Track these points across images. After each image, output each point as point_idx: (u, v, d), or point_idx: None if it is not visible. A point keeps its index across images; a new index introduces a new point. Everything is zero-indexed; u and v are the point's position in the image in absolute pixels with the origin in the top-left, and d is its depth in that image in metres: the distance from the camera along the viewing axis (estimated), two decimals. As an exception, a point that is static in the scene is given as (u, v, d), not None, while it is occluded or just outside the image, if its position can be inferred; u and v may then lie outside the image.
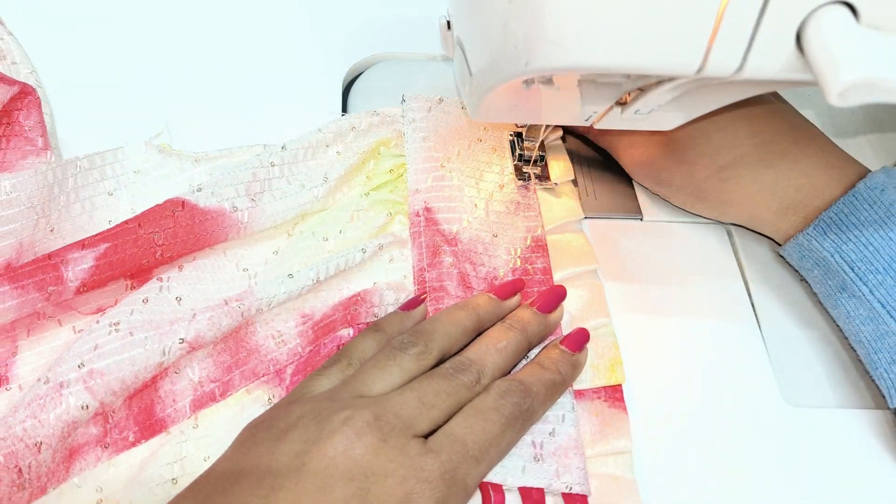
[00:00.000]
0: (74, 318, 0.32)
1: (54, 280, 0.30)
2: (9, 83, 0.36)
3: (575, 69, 0.25)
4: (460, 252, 0.36)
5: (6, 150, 0.36)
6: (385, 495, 0.25)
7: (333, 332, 0.34)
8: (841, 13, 0.22)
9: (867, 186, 0.34)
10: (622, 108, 0.32)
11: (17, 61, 0.40)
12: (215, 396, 0.31)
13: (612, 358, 0.34)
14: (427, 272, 0.36)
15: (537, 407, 0.30)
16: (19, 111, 0.36)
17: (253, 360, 0.32)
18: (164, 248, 0.32)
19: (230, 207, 0.34)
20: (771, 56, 0.23)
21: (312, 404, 0.28)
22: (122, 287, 0.33)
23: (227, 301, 0.31)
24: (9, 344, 0.31)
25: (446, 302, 0.35)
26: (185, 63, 0.43)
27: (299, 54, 0.45)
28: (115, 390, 0.28)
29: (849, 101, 0.21)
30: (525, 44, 0.25)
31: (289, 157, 0.36)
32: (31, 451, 0.27)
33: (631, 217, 0.41)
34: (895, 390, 0.32)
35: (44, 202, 0.33)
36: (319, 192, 0.36)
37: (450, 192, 0.38)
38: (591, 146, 0.44)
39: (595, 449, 0.32)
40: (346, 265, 0.34)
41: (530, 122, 0.38)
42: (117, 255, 0.31)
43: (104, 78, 0.42)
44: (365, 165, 0.39)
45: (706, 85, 0.29)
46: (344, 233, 0.37)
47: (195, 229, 0.33)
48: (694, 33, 0.23)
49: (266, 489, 0.24)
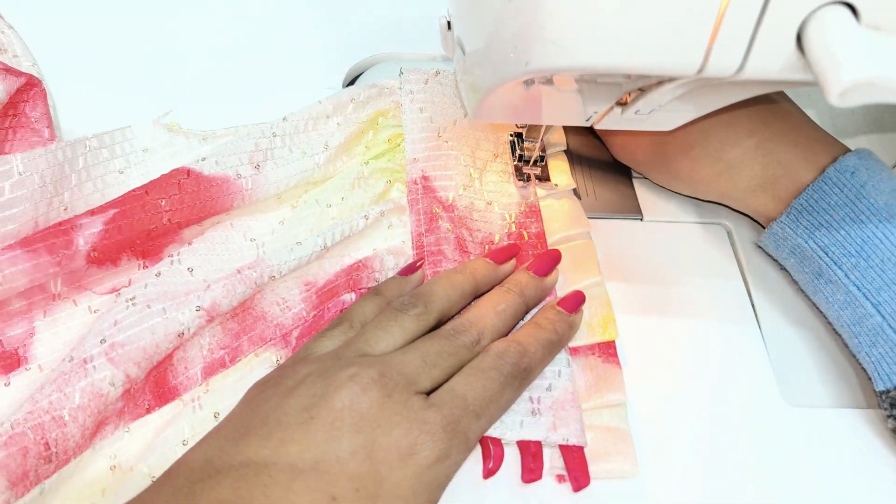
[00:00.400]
0: (90, 299, 0.33)
1: (65, 244, 0.31)
2: (15, 75, 0.37)
3: (575, 69, 0.25)
4: (457, 218, 0.38)
5: (13, 141, 0.36)
6: (390, 446, 0.26)
7: (336, 296, 0.35)
8: (841, 13, 0.22)
9: (837, 170, 0.34)
10: (622, 109, 0.32)
11: (18, 54, 0.40)
12: (225, 363, 0.32)
13: (605, 316, 0.35)
14: (425, 237, 0.37)
15: (535, 366, 0.31)
16: (25, 103, 0.37)
17: (259, 326, 0.33)
18: (171, 213, 0.33)
19: (234, 175, 0.35)
20: (771, 56, 0.23)
21: (318, 363, 0.28)
22: (134, 266, 0.34)
23: (240, 270, 0.32)
24: (26, 325, 0.31)
25: (444, 266, 0.36)
26: (186, 64, 0.44)
27: (300, 54, 0.45)
28: (137, 360, 0.29)
29: (849, 101, 0.21)
30: (525, 44, 0.25)
31: (290, 128, 0.38)
32: (57, 424, 0.27)
33: (631, 217, 0.41)
34: (878, 373, 0.32)
35: (56, 181, 0.34)
36: (320, 159, 0.38)
37: (446, 160, 0.39)
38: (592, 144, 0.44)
39: (590, 402, 0.32)
40: (351, 231, 0.35)
41: (530, 123, 0.38)
42: (125, 220, 0.32)
43: (104, 69, 0.42)
44: (364, 135, 0.40)
45: (707, 85, 0.29)
46: (346, 200, 0.38)
47: (201, 195, 0.34)
48: (694, 33, 0.23)
49: (276, 441, 0.25)
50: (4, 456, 0.26)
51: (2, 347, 0.31)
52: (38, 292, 0.32)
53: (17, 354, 0.31)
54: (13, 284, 0.30)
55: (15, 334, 0.31)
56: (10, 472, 0.26)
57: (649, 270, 0.38)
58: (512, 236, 0.38)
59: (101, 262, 0.33)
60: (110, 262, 0.33)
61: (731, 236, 0.40)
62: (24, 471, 0.26)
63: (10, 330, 0.31)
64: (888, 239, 0.33)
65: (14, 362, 0.31)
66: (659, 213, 0.41)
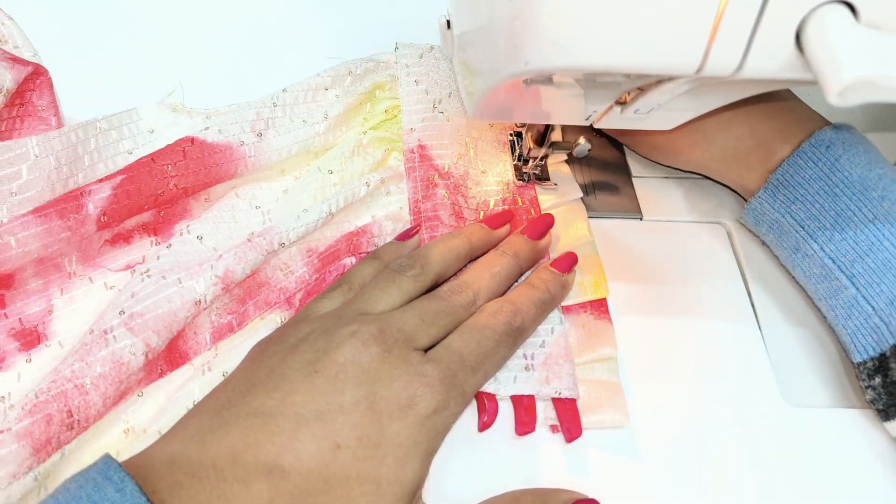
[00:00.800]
0: (105, 276, 0.34)
1: (75, 208, 0.32)
2: (22, 64, 0.37)
3: (575, 69, 0.25)
4: (452, 185, 0.39)
5: (21, 129, 0.37)
6: (391, 397, 0.27)
7: (337, 260, 0.36)
8: (841, 12, 0.22)
9: (811, 144, 0.34)
10: (622, 108, 0.32)
11: (19, 45, 0.41)
12: (233, 327, 0.34)
13: (596, 274, 0.36)
14: (422, 203, 0.38)
15: (528, 324, 0.32)
16: (32, 91, 0.38)
17: (264, 291, 0.35)
18: (176, 178, 0.34)
19: (237, 142, 0.36)
20: (770, 55, 0.23)
21: (320, 321, 0.30)
22: (146, 243, 0.35)
23: (250, 238, 0.33)
24: (43, 303, 0.32)
25: (440, 230, 0.37)
26: (186, 45, 0.44)
27: (300, 55, 0.45)
28: (156, 329, 0.30)
29: (849, 101, 0.21)
30: (524, 43, 0.25)
31: (290, 98, 0.39)
32: (79, 392, 0.28)
33: (631, 217, 0.41)
34: (854, 345, 0.32)
35: (70, 162, 0.34)
36: (320, 128, 0.39)
37: (441, 131, 0.41)
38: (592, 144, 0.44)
39: (583, 357, 0.34)
40: (353, 197, 0.37)
41: (530, 122, 0.38)
42: (133, 185, 0.33)
43: (103, 56, 0.43)
44: (362, 107, 0.41)
45: (706, 84, 0.29)
46: (346, 167, 0.39)
47: (205, 161, 0.35)
48: (693, 33, 0.23)
49: (281, 393, 0.26)
50: (29, 423, 0.27)
51: (21, 325, 0.32)
52: (53, 270, 0.33)
53: (36, 332, 0.32)
54: (26, 248, 0.30)
55: (33, 312, 0.32)
56: (34, 438, 0.27)
57: (649, 270, 0.38)
58: (506, 202, 0.39)
59: (115, 241, 0.34)
60: (123, 241, 0.35)
61: (731, 236, 0.40)
62: (48, 437, 0.27)
63: (28, 308, 0.32)
64: (861, 211, 0.33)
65: (34, 339, 0.32)
66: (659, 213, 0.41)
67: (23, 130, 0.37)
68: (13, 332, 0.31)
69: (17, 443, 0.26)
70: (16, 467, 0.26)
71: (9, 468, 0.26)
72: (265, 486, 0.24)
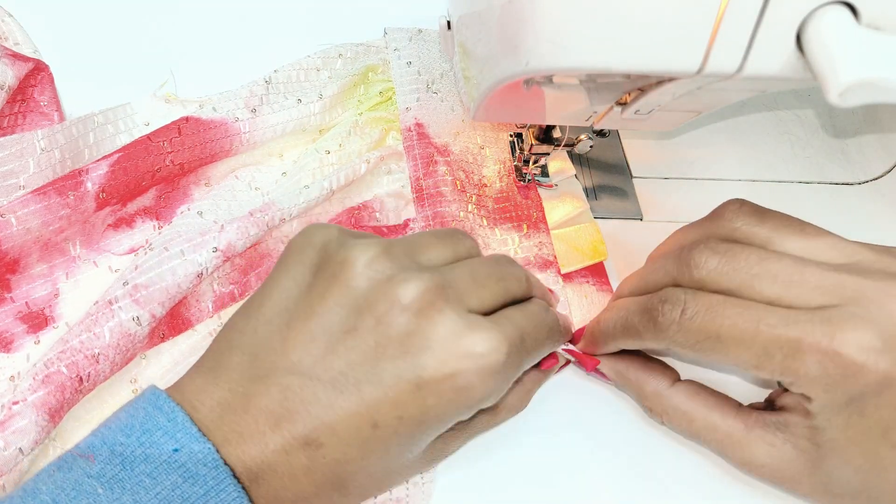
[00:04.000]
0: (109, 259, 0.35)
1: (74, 186, 0.32)
2: (24, 60, 0.38)
3: (575, 69, 0.25)
4: (453, 161, 0.39)
5: (23, 125, 0.37)
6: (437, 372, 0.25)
7: None
8: (841, 13, 0.22)
9: None
10: (622, 109, 0.32)
11: (19, 42, 0.41)
12: (235, 297, 0.34)
13: (594, 240, 0.38)
14: (423, 181, 0.39)
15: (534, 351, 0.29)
16: (33, 87, 0.38)
17: (266, 263, 0.35)
18: (173, 154, 0.35)
19: (231, 118, 0.37)
20: (771, 56, 0.23)
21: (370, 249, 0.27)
22: (149, 227, 0.36)
23: (252, 213, 0.34)
24: (49, 287, 0.33)
25: (444, 206, 0.38)
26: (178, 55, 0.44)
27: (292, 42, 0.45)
28: (161, 301, 0.31)
29: (849, 101, 0.21)
30: (525, 43, 0.25)
31: (282, 77, 0.40)
32: (90, 362, 0.29)
33: (631, 217, 0.41)
34: None
35: (73, 155, 0.35)
36: (315, 107, 0.39)
37: (437, 108, 0.41)
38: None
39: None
40: (354, 175, 0.37)
41: (530, 123, 0.38)
42: (130, 162, 0.34)
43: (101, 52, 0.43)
44: (356, 89, 0.42)
45: (706, 85, 0.28)
46: (344, 146, 0.39)
47: (201, 136, 0.36)
48: (694, 33, 0.23)
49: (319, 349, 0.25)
50: (45, 394, 0.28)
51: (28, 309, 0.32)
52: (58, 255, 0.34)
53: (43, 314, 0.33)
54: (27, 226, 0.31)
55: (39, 296, 0.33)
56: (50, 407, 0.28)
57: (649, 271, 0.38)
58: (504, 175, 0.40)
59: (117, 225, 0.35)
60: (126, 225, 0.35)
61: (731, 236, 0.40)
62: (61, 404, 0.28)
63: (35, 292, 0.33)
64: None
65: (42, 322, 0.32)
66: (659, 213, 0.41)
67: (25, 126, 0.37)
68: (20, 314, 0.32)
69: (35, 413, 0.27)
70: (36, 435, 0.27)
71: (30, 437, 0.27)
72: (303, 455, 0.24)
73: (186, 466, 0.23)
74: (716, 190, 0.42)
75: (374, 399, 0.24)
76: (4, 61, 0.36)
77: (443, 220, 0.38)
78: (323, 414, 0.24)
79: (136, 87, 0.40)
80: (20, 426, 0.27)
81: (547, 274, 0.36)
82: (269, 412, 0.24)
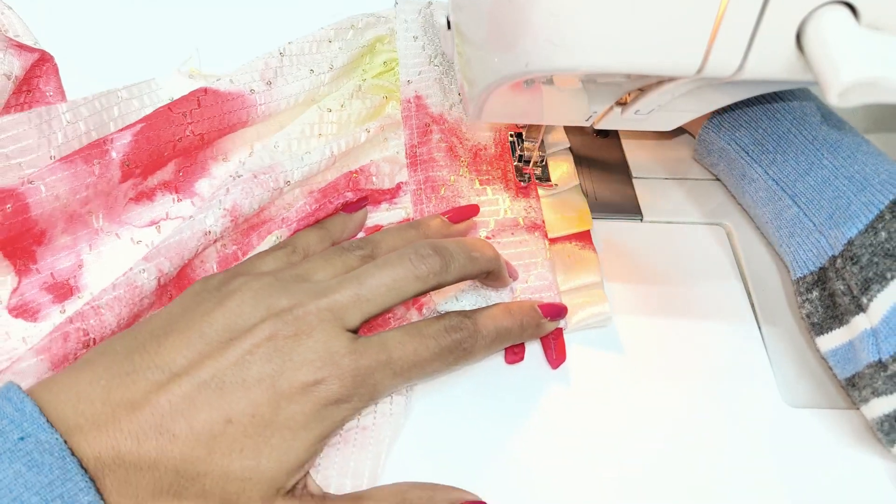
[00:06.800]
0: (131, 232, 0.36)
1: (99, 154, 0.33)
2: (29, 51, 0.38)
3: (575, 70, 0.25)
4: (447, 129, 0.41)
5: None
6: (295, 379, 0.27)
7: (337, 192, 0.37)
8: (841, 13, 0.22)
9: None
10: (622, 109, 0.32)
11: (19, 34, 0.42)
12: (238, 256, 0.36)
13: (580, 210, 0.39)
14: (418, 148, 0.40)
15: (478, 350, 0.31)
16: (38, 78, 0.39)
17: (268, 225, 0.37)
18: (192, 125, 0.36)
19: (248, 90, 0.38)
20: (771, 56, 0.23)
21: (256, 280, 0.29)
22: (169, 201, 0.37)
23: (256, 174, 0.35)
24: (73, 258, 0.34)
25: (436, 169, 0.40)
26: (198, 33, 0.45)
27: (308, 15, 0.46)
28: (169, 256, 0.32)
29: (849, 101, 0.21)
30: (525, 44, 0.25)
31: (296, 49, 0.40)
32: (95, 313, 0.30)
33: (631, 217, 0.41)
34: (795, 262, 0.34)
35: (97, 128, 0.36)
36: (326, 78, 0.40)
37: (437, 82, 0.42)
38: (592, 144, 0.44)
39: (568, 285, 0.36)
40: (355, 142, 0.39)
41: (531, 123, 0.38)
42: (152, 132, 0.35)
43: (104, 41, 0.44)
44: (363, 59, 0.43)
45: (707, 85, 0.29)
46: (345, 106, 0.41)
47: (220, 108, 0.37)
48: (694, 34, 0.23)
49: (193, 353, 0.27)
50: (48, 341, 0.29)
51: (53, 279, 0.33)
52: (81, 227, 0.34)
53: (68, 284, 0.34)
54: (55, 192, 0.32)
55: (64, 267, 0.34)
56: (52, 353, 0.29)
57: (649, 271, 0.38)
58: (498, 143, 0.41)
59: (139, 199, 0.36)
60: (146, 198, 0.36)
61: (731, 237, 0.40)
62: (65, 354, 0.29)
63: (59, 264, 0.34)
64: (801, 133, 0.35)
65: (67, 292, 0.33)
66: (659, 213, 0.41)
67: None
68: (46, 285, 0.33)
69: (35, 357, 0.28)
70: (34, 380, 0.28)
71: (28, 380, 0.28)
72: (154, 447, 0.25)
73: (32, 455, 0.23)
74: (716, 190, 0.42)
75: (233, 397, 0.26)
76: (10, 52, 0.37)
77: (433, 184, 0.39)
78: (183, 406, 0.25)
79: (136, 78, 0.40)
80: (20, 368, 0.28)
81: (534, 236, 0.38)
82: (128, 402, 0.25)
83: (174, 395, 0.26)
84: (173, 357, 0.27)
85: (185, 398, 0.26)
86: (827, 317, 0.33)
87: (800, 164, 0.34)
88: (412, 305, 0.35)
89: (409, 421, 0.32)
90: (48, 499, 0.23)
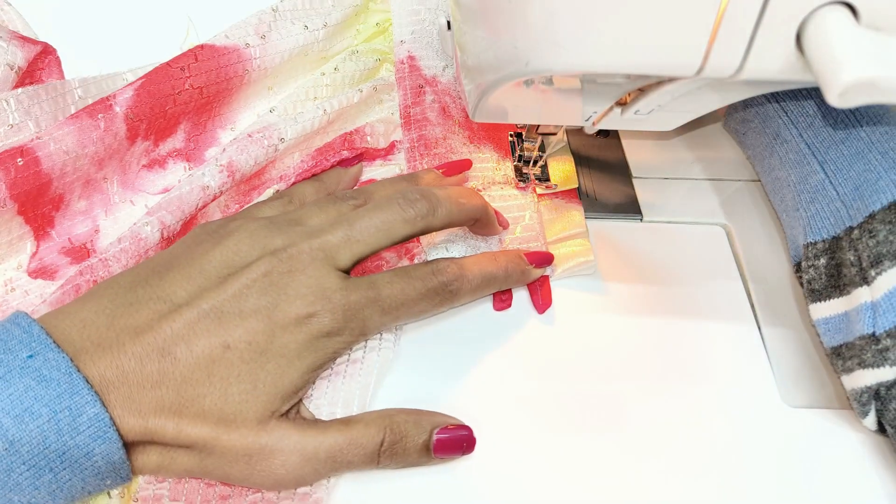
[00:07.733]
0: (146, 199, 0.37)
1: (104, 108, 0.34)
2: (32, 43, 0.38)
3: (575, 70, 0.25)
4: (440, 90, 0.42)
5: None
6: (290, 311, 0.28)
7: (333, 150, 0.39)
8: (841, 13, 0.22)
9: None
10: (622, 109, 0.32)
11: (19, 29, 0.42)
12: None
13: (568, 170, 0.41)
14: (412, 109, 0.41)
15: (464, 293, 0.33)
16: (41, 70, 0.40)
17: (266, 185, 0.39)
18: (191, 78, 0.37)
19: (243, 45, 0.39)
20: (771, 56, 0.23)
21: (255, 223, 0.31)
22: (180, 169, 0.39)
23: (251, 134, 0.37)
24: (90, 224, 0.36)
25: (429, 128, 0.41)
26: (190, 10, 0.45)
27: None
28: (170, 210, 0.34)
29: (849, 102, 0.21)
30: (525, 44, 0.25)
31: (289, 5, 0.41)
32: (103, 265, 0.32)
33: (631, 217, 0.41)
34: (810, 227, 0.34)
35: None
36: (320, 34, 0.41)
37: (430, 43, 0.43)
38: (592, 144, 0.44)
39: (553, 236, 0.38)
40: (348, 102, 0.40)
41: (530, 123, 0.38)
42: (153, 86, 0.36)
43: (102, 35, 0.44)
44: (357, 19, 0.44)
45: (707, 85, 0.29)
46: (339, 69, 0.42)
47: (217, 62, 0.38)
48: (694, 34, 0.23)
49: (194, 286, 0.28)
50: (60, 293, 0.31)
51: (71, 244, 0.35)
52: (96, 193, 0.36)
53: (85, 248, 0.35)
54: (64, 146, 0.33)
55: (81, 232, 0.36)
56: (58, 301, 0.30)
57: (649, 271, 0.38)
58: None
59: (151, 166, 0.38)
60: (159, 166, 0.38)
61: (731, 237, 0.40)
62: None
63: (76, 229, 0.35)
64: None
65: (84, 255, 0.35)
66: (659, 213, 0.41)
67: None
68: (64, 249, 0.35)
69: (48, 309, 0.29)
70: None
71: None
72: (156, 369, 0.26)
73: (40, 371, 0.24)
74: (716, 190, 0.42)
75: (231, 325, 0.28)
76: (14, 43, 0.37)
77: (427, 142, 0.41)
78: (183, 331, 0.27)
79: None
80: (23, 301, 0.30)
81: (523, 191, 0.40)
82: (132, 328, 0.27)
83: (176, 323, 0.27)
84: (174, 290, 0.28)
85: (186, 325, 0.27)
86: (828, 285, 0.33)
87: (836, 133, 0.34)
88: (404, 255, 0.36)
89: (398, 357, 0.34)
90: (56, 410, 0.24)
